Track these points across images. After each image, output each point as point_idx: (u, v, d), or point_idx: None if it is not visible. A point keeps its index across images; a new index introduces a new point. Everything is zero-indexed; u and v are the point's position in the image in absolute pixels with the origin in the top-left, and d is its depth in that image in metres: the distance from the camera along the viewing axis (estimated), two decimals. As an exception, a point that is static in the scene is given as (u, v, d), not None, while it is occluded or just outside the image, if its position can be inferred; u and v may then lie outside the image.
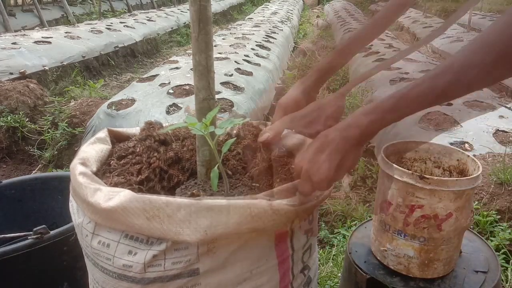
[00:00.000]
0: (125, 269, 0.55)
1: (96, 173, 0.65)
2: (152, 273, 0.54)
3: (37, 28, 6.23)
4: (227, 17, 10.59)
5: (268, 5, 10.61)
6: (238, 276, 0.58)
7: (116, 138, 0.78)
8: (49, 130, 2.74)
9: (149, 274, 0.54)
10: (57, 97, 3.20)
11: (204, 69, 0.64)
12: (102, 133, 0.75)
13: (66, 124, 2.68)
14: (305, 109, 0.79)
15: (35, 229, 0.98)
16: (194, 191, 0.66)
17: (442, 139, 2.04)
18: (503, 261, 1.51)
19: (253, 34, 5.31)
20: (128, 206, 0.53)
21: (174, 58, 4.05)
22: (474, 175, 0.85)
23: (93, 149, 0.70)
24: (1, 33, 5.09)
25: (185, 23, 7.84)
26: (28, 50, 3.96)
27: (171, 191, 0.72)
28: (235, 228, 0.53)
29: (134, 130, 0.82)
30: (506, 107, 2.54)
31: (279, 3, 11.10)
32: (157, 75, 3.27)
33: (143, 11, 8.55)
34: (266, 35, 5.36)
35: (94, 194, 0.56)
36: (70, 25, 6.30)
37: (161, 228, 0.52)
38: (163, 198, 0.53)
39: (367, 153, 2.68)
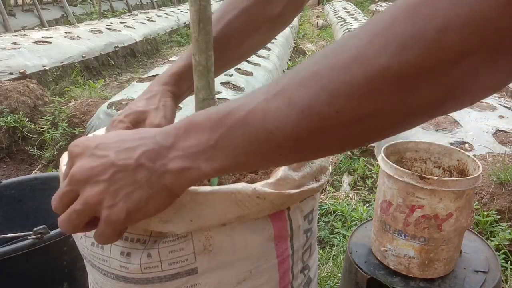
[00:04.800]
0: (121, 270, 0.55)
1: None
2: (149, 273, 0.54)
3: (37, 28, 6.24)
4: (227, 17, 10.56)
5: (268, 5, 10.59)
6: (237, 275, 0.58)
7: None
8: (49, 130, 2.74)
9: (147, 275, 0.54)
10: (57, 97, 3.19)
11: (204, 69, 0.64)
12: (101, 132, 0.75)
13: (66, 124, 2.68)
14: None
15: (35, 229, 0.98)
16: None
17: (442, 139, 2.04)
18: (503, 261, 1.51)
19: (253, 34, 5.31)
20: None
21: (174, 58, 4.05)
22: (474, 175, 0.85)
23: None
24: (1, 33, 5.09)
25: (185, 23, 7.84)
26: (28, 50, 3.96)
27: None
28: (221, 215, 0.52)
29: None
30: (506, 107, 2.54)
31: (279, 3, 11.08)
32: (157, 75, 3.27)
33: (143, 11, 8.55)
34: (266, 35, 5.35)
35: None
36: (70, 25, 6.30)
37: (145, 221, 0.52)
38: None
39: (367, 153, 2.69)
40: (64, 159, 0.62)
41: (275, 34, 0.78)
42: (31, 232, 0.98)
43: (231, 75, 3.21)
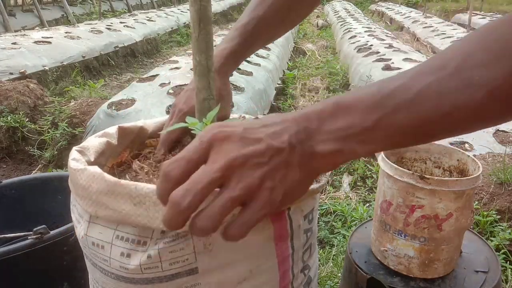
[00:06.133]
0: (122, 270, 0.55)
1: (93, 163, 0.65)
2: (150, 274, 0.54)
3: (37, 28, 6.23)
4: (227, 17, 10.59)
5: (268, 5, 10.57)
6: (238, 275, 0.58)
7: (123, 134, 0.78)
8: (49, 130, 2.74)
9: (147, 275, 0.54)
10: (57, 97, 3.19)
11: (204, 69, 0.64)
12: (112, 129, 0.75)
13: (66, 124, 2.68)
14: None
15: (35, 229, 0.98)
16: None
17: (442, 139, 2.04)
18: (503, 261, 1.51)
19: (253, 34, 5.30)
20: (116, 190, 0.53)
21: (174, 58, 4.05)
22: (474, 175, 0.85)
23: (97, 141, 0.70)
24: (1, 33, 5.09)
25: (185, 23, 7.84)
26: (28, 50, 3.96)
27: None
28: None
29: (140, 123, 0.82)
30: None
31: (279, 3, 11.05)
32: (157, 75, 3.27)
33: (143, 11, 8.55)
34: (266, 35, 5.35)
35: (82, 174, 0.57)
36: (70, 25, 6.30)
37: (147, 215, 0.52)
38: (149, 186, 0.53)
39: (367, 153, 2.68)
40: (72, 154, 0.63)
41: (313, 10, 0.86)
42: (31, 232, 0.98)
43: (231, 75, 3.21)
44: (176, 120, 0.74)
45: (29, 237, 0.97)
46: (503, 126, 2.18)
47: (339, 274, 1.54)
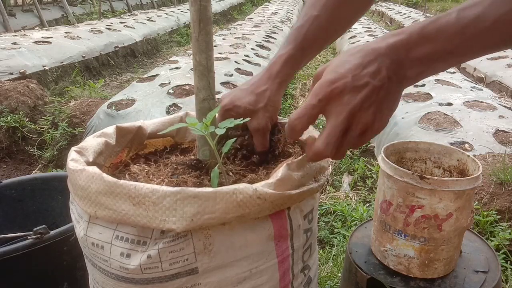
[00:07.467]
0: (122, 270, 0.55)
1: (91, 164, 0.65)
2: (150, 274, 0.54)
3: (37, 28, 6.23)
4: (227, 17, 10.59)
5: (268, 5, 10.59)
6: (237, 275, 0.58)
7: (121, 134, 0.78)
8: (49, 130, 2.74)
9: (147, 275, 0.54)
10: (57, 97, 3.19)
11: (204, 69, 0.64)
12: (110, 129, 0.75)
13: (66, 124, 2.68)
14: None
15: (35, 229, 0.98)
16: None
17: (442, 139, 2.04)
18: (503, 261, 1.51)
19: (253, 34, 5.31)
20: (115, 190, 0.53)
21: (174, 58, 4.05)
22: (474, 175, 0.85)
23: (95, 141, 0.70)
24: (1, 33, 5.09)
25: (185, 23, 7.84)
26: (28, 50, 3.96)
27: None
28: (222, 215, 0.53)
29: (138, 123, 0.82)
30: (506, 107, 2.53)
31: (279, 3, 11.08)
32: (157, 75, 3.27)
33: (143, 11, 8.55)
34: (266, 35, 5.36)
35: (81, 174, 0.57)
36: (70, 25, 6.30)
37: (146, 215, 0.52)
38: (148, 186, 0.53)
39: (367, 153, 2.68)
40: (70, 154, 0.64)
41: (370, 6, 0.85)
42: (31, 232, 0.97)
43: (231, 75, 3.21)
44: (221, 118, 0.73)
45: (29, 237, 0.97)
46: (503, 126, 2.18)
47: (339, 274, 1.54)
